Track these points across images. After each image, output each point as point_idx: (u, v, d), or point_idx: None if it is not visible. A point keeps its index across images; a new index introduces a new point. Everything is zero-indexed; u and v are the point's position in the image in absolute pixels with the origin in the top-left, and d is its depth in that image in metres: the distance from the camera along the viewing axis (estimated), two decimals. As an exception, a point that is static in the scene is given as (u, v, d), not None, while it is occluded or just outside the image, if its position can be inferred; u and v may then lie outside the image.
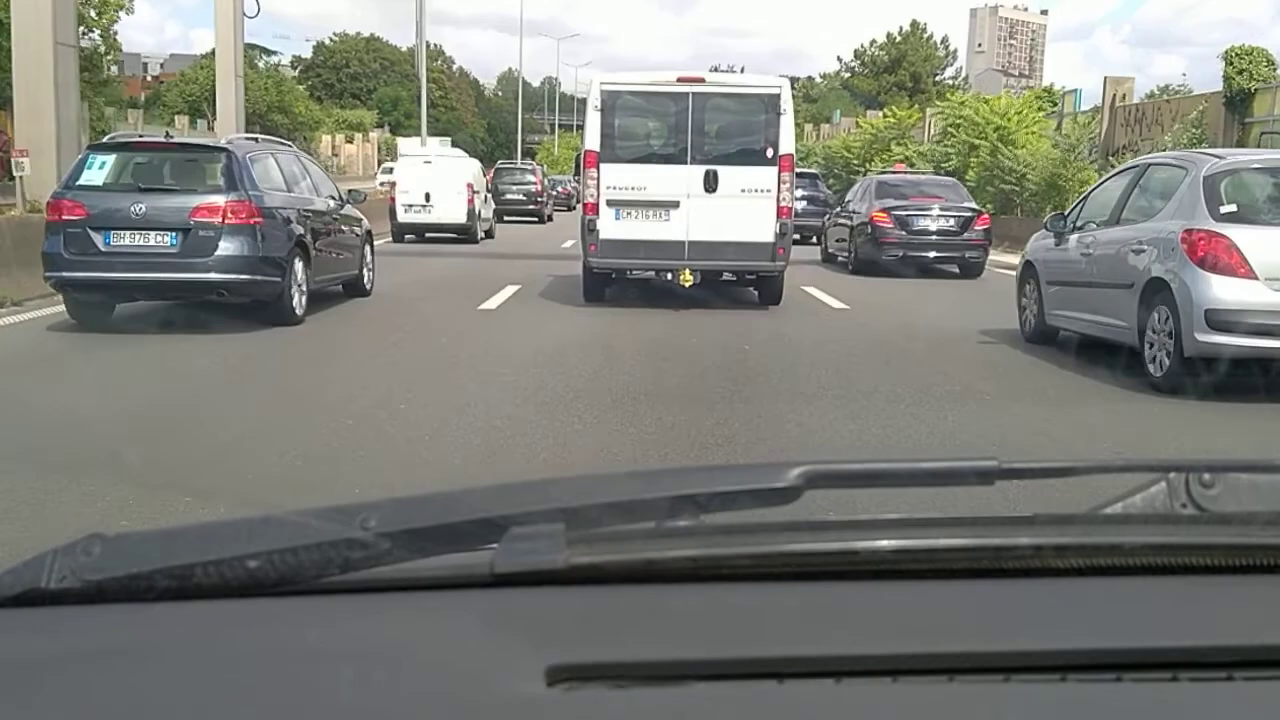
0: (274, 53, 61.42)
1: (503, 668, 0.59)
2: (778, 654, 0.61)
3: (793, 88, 8.88)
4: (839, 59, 64.19)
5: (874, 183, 13.53)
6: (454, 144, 46.74)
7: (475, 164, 19.02)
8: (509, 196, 24.68)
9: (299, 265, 7.39)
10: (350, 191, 9.29)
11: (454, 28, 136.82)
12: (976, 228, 12.43)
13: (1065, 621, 0.65)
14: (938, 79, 54.71)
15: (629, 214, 8.32)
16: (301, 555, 0.67)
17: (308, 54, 63.32)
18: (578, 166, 8.93)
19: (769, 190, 8.31)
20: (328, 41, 63.59)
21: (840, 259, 13.95)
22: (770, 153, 8.32)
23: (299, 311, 7.38)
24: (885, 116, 32.66)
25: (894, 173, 15.55)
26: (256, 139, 8.53)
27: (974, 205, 13.30)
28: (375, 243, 10.01)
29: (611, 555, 0.68)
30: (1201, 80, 28.08)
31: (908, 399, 5.08)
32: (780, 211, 8.34)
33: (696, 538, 0.70)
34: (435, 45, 69.84)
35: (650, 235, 8.34)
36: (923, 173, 17.59)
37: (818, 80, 64.03)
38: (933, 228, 12.41)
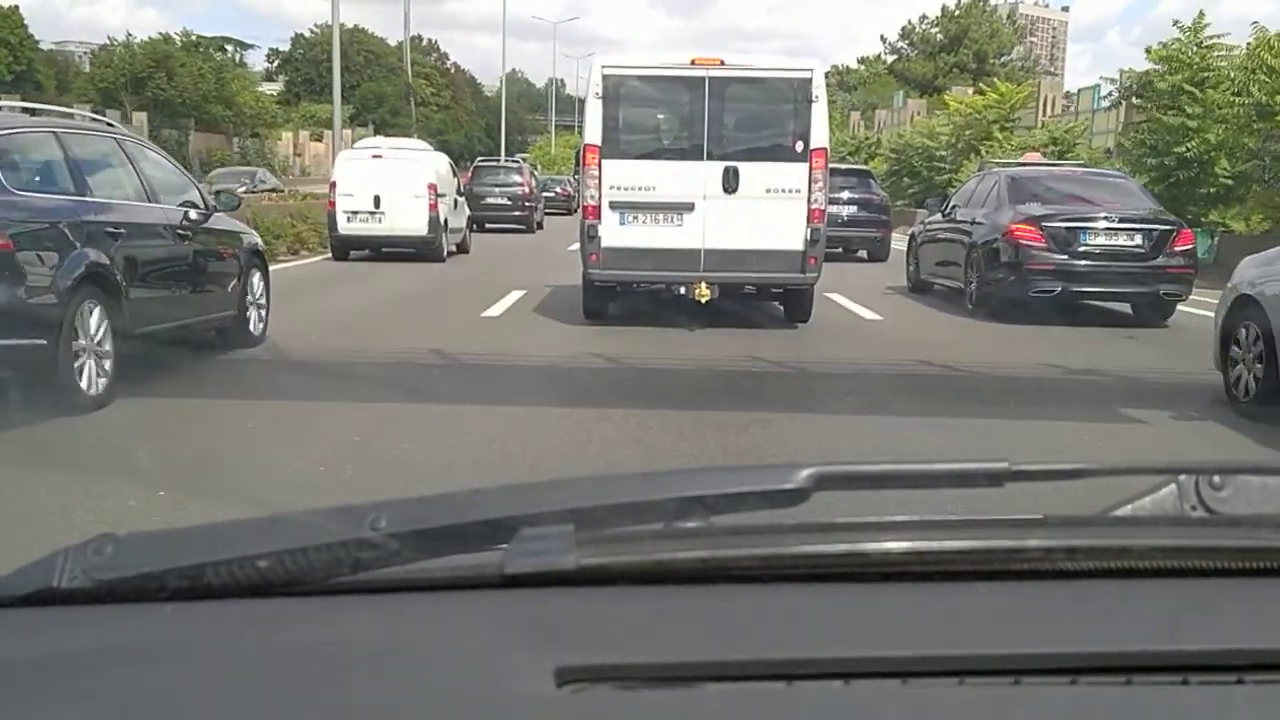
0: (250, 46, 61.04)
1: (512, 668, 0.67)
2: (787, 656, 0.69)
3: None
4: (882, 38, 61.87)
5: (1004, 180, 10.70)
6: (448, 144, 45.25)
7: (442, 159, 17.62)
8: (490, 200, 23.43)
9: (91, 314, 5.37)
10: (219, 194, 7.71)
11: (462, 31, 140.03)
12: (1175, 249, 9.57)
13: (1075, 624, 0.74)
14: (1004, 60, 52.00)
15: (635, 218, 8.21)
16: (312, 555, 0.76)
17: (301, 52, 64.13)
18: (578, 163, 8.68)
19: (798, 190, 8.14)
20: (307, 34, 64.15)
21: (939, 288, 11.63)
22: (800, 146, 8.13)
23: (91, 390, 5.30)
24: (985, 92, 29.13)
25: (1028, 165, 12.53)
26: (33, 110, 6.78)
27: (1164, 213, 10.51)
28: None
29: (621, 556, 0.78)
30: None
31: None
32: (812, 215, 8.17)
33: (705, 539, 0.79)
34: (429, 40, 73.14)
35: (660, 243, 8.22)
36: (1065, 163, 14.59)
37: (854, 67, 61.76)
38: (1108, 248, 9.55)
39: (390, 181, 15.15)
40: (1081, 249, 9.50)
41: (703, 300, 8.25)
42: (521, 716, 0.64)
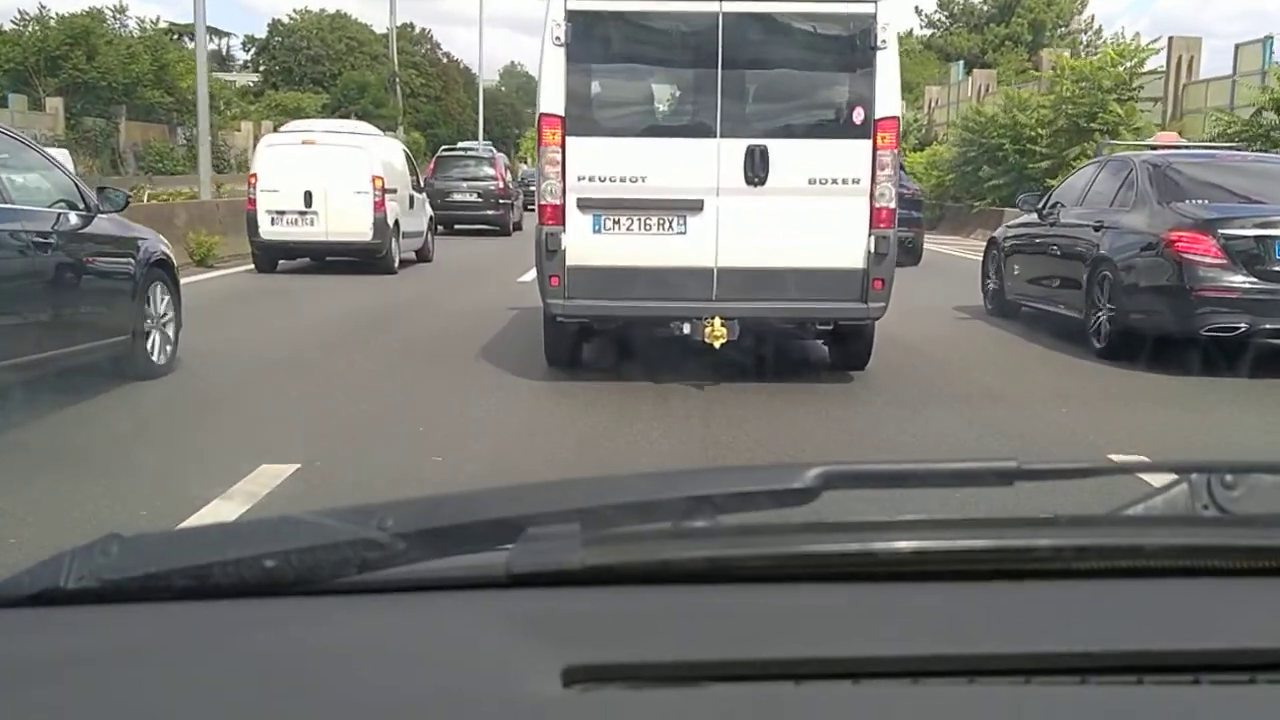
0: (226, 34, 61.72)
1: (519, 668, 0.74)
2: (795, 655, 0.76)
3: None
4: (917, 10, 60.10)
5: (1145, 170, 8.81)
6: (437, 137, 43.85)
7: (393, 146, 16.85)
8: (456, 197, 22.63)
9: None
10: (103, 191, 7.15)
11: (463, 27, 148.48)
12: None
13: (1086, 623, 0.82)
14: (1062, 32, 50.31)
15: (616, 223, 6.62)
16: (319, 555, 0.85)
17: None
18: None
19: (857, 180, 6.50)
20: (285, 19, 65.34)
21: (1030, 311, 10.08)
22: (859, 116, 6.50)
23: None
24: (1102, 52, 24.51)
25: (1166, 149, 10.59)
26: None
27: None
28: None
29: (628, 556, 0.86)
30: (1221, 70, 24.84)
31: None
32: (877, 216, 6.53)
33: (713, 538, 0.88)
34: (421, 30, 74.58)
35: (653, 259, 6.63)
36: (1224, 146, 12.69)
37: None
38: None
39: (325, 174, 13.79)
40: (1277, 268, 7.59)
41: (717, 344, 6.48)
42: (529, 716, 0.71)
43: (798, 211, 6.51)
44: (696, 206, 6.54)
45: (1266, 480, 0.96)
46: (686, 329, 6.62)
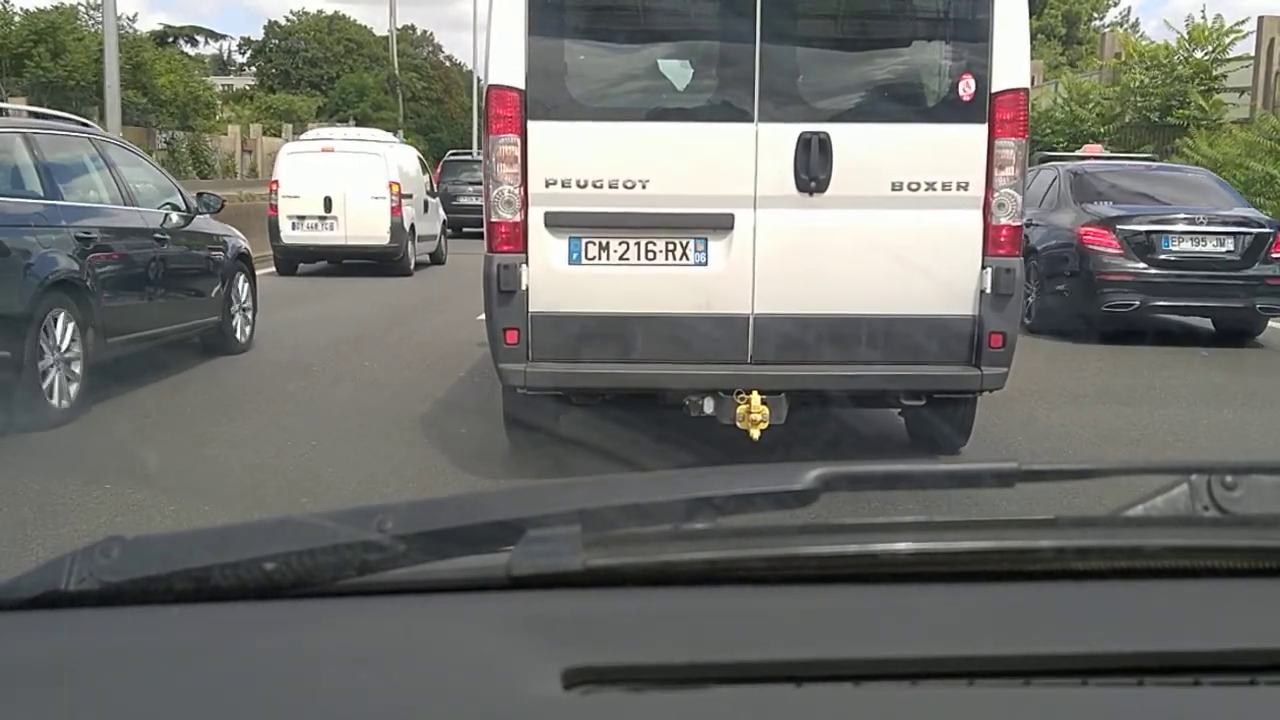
0: (222, 36, 65.89)
1: (519, 670, 0.82)
2: (795, 657, 0.84)
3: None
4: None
5: (1065, 175, 11.38)
6: (440, 141, 45.96)
7: (408, 153, 18.46)
8: (463, 201, 23.83)
9: (62, 325, 6.41)
10: (200, 196, 8.93)
11: (469, 33, 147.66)
12: (1275, 255, 10.18)
13: (1086, 625, 0.89)
14: (1097, 25, 52.66)
15: (605, 249, 5.07)
16: (319, 557, 0.93)
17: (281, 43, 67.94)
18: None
19: (965, 185, 5.01)
20: (283, 21, 67.90)
21: None
22: (969, 89, 4.97)
23: (61, 403, 6.33)
24: (1192, 30, 22.21)
25: (1091, 159, 13.23)
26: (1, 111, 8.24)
27: (1258, 214, 11.28)
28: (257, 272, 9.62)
29: (628, 558, 0.94)
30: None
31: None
32: (995, 237, 5.04)
33: (713, 540, 0.96)
34: (423, 32, 77.58)
35: (659, 303, 5.06)
36: (1134, 157, 15.07)
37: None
38: (1195, 255, 10.15)
39: (344, 180, 15.61)
40: (1163, 256, 10.07)
41: (755, 432, 4.94)
42: (529, 718, 0.78)
43: (875, 230, 5.00)
44: (724, 224, 5.00)
45: (1266, 481, 1.03)
46: (709, 408, 5.06)
